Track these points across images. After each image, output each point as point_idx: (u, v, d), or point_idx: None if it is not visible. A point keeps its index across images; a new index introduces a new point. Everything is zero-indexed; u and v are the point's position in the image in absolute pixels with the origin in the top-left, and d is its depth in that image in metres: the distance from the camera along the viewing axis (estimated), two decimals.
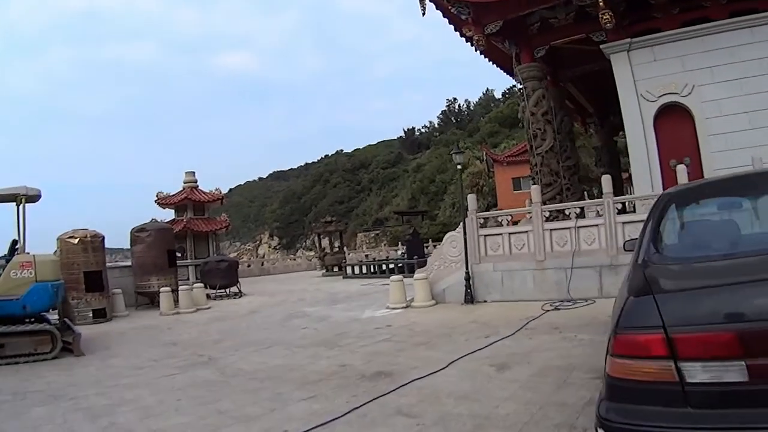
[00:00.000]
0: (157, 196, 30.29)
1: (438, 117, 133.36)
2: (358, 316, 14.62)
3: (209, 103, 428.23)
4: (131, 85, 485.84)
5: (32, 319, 11.51)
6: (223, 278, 23.73)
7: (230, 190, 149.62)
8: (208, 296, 22.32)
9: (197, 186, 31.27)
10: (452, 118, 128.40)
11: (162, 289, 19.48)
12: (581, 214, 14.77)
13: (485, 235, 15.64)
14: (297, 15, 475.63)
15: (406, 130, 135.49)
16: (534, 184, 17.18)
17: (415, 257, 28.63)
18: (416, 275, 15.91)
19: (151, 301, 20.98)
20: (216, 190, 31.67)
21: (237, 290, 24.21)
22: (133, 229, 21.98)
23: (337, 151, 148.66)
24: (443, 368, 7.83)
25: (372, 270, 30.93)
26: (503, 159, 53.99)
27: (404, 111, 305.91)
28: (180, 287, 20.04)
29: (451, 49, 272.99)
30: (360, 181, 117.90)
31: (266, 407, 6.61)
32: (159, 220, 28.01)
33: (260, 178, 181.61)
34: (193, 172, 31.42)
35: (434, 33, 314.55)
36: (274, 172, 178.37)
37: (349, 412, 6.10)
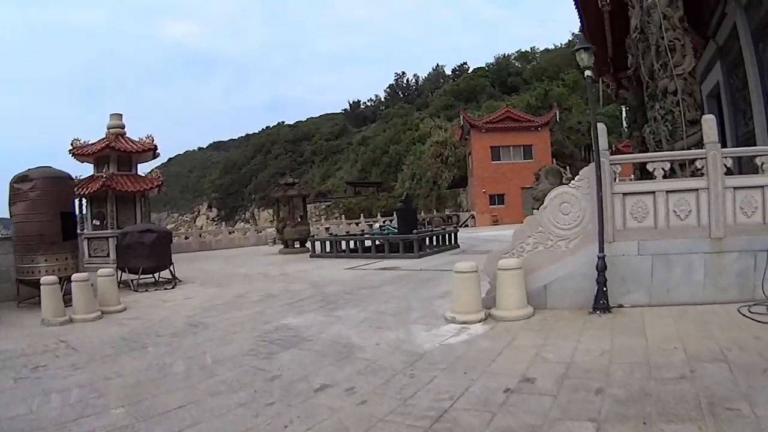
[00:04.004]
0: (72, 144, 22.46)
1: (385, 91, 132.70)
2: (414, 343, 7.49)
3: (154, 71, 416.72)
4: (78, 50, 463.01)
5: None
6: (149, 258, 15.67)
7: (169, 159, 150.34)
8: (127, 284, 15.13)
9: (124, 133, 23.39)
10: (399, 93, 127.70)
11: (43, 280, 11.15)
12: None
13: (624, 194, 9.08)
14: None
15: (351, 102, 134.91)
16: (666, 121, 10.88)
17: (414, 232, 21.23)
18: (503, 261, 8.82)
19: None
20: (147, 137, 23.51)
21: (170, 276, 16.37)
22: (12, 178, 13.30)
23: (279, 123, 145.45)
24: None
25: (352, 247, 23.24)
26: (482, 125, 48.44)
27: (349, 86, 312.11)
28: (82, 272, 12.27)
29: (399, 26, 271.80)
30: (302, 153, 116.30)
31: None
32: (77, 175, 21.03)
33: (200, 148, 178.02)
34: (120, 115, 23.62)
35: (383, 11, 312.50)
36: (214, 142, 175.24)
37: None
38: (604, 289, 8.42)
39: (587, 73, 9.15)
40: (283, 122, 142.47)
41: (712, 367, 5.66)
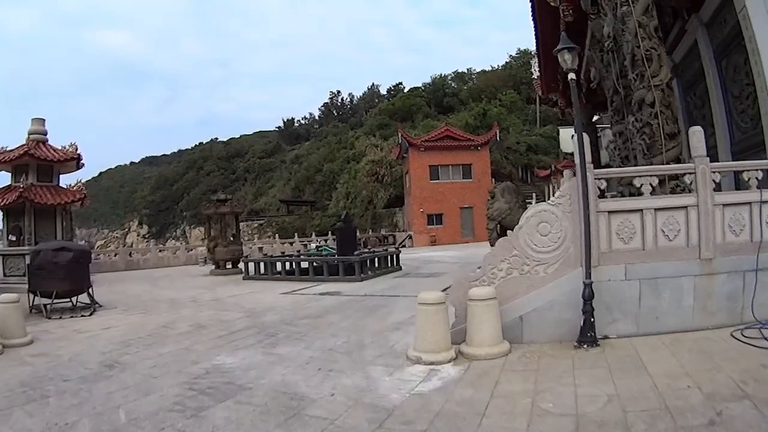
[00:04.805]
0: None
1: (319, 109, 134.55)
2: (377, 393, 6.20)
3: (85, 82, 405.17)
4: (6, 56, 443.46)
5: None
6: (64, 280, 13.77)
7: (100, 173, 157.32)
8: (40, 309, 13.43)
9: (46, 140, 21.19)
10: (334, 111, 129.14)
11: None
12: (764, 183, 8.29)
13: (609, 212, 8.09)
14: None
15: (285, 120, 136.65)
16: (643, 134, 10.12)
17: (356, 254, 19.94)
18: (474, 291, 7.65)
19: None
20: (71, 145, 21.41)
21: (89, 300, 14.45)
22: None
23: (212, 139, 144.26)
24: None
25: (288, 269, 21.62)
26: (421, 143, 47.61)
27: (283, 104, 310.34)
28: None
29: (335, 45, 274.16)
30: (235, 170, 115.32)
31: None
32: None
33: (132, 163, 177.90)
34: (43, 120, 21.35)
35: (318, 30, 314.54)
36: (147, 157, 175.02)
37: None
38: (592, 319, 7.40)
39: (571, 75, 8.14)
40: (216, 139, 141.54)
41: (738, 407, 4.94)
